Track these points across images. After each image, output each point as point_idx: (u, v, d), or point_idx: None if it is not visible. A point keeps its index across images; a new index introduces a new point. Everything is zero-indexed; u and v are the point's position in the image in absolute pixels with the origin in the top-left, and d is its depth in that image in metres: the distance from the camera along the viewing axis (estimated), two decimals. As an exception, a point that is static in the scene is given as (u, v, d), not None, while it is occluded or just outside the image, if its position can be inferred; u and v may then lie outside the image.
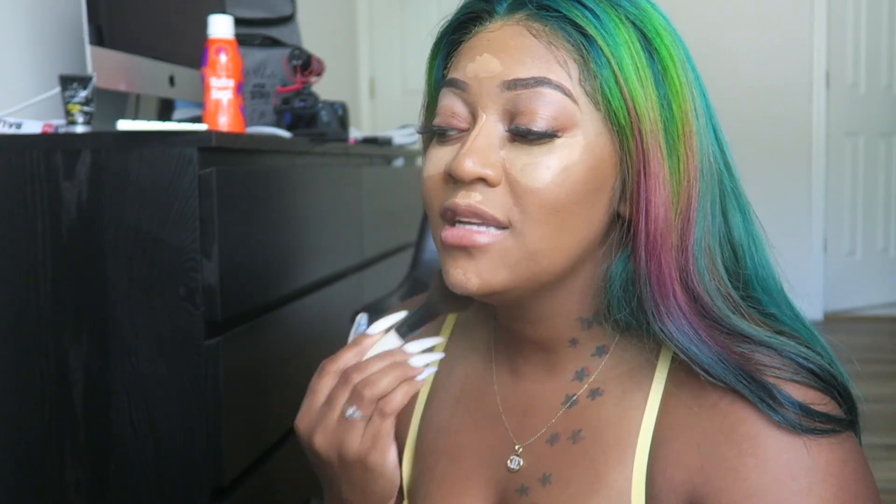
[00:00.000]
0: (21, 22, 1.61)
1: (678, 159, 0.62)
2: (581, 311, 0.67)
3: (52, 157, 1.20)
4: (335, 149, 1.81)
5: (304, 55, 1.80)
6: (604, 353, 0.68)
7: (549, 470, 0.67)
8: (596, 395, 0.67)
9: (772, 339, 0.62)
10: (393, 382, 0.66)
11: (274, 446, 1.45)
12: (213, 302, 1.19)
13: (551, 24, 0.62)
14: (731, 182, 0.66)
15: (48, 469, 1.22)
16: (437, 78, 0.70)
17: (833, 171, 4.43)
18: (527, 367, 0.71)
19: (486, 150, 0.62)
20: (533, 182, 0.61)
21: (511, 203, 0.61)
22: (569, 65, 0.61)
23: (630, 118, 0.61)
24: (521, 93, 0.62)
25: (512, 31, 0.63)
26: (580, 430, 0.67)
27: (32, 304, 1.21)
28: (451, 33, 0.69)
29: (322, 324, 1.68)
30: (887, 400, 3.11)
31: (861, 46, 4.45)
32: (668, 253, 0.62)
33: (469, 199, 0.62)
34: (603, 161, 0.62)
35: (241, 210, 1.29)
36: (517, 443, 0.70)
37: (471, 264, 0.62)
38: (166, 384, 1.20)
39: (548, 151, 0.61)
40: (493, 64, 0.62)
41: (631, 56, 0.61)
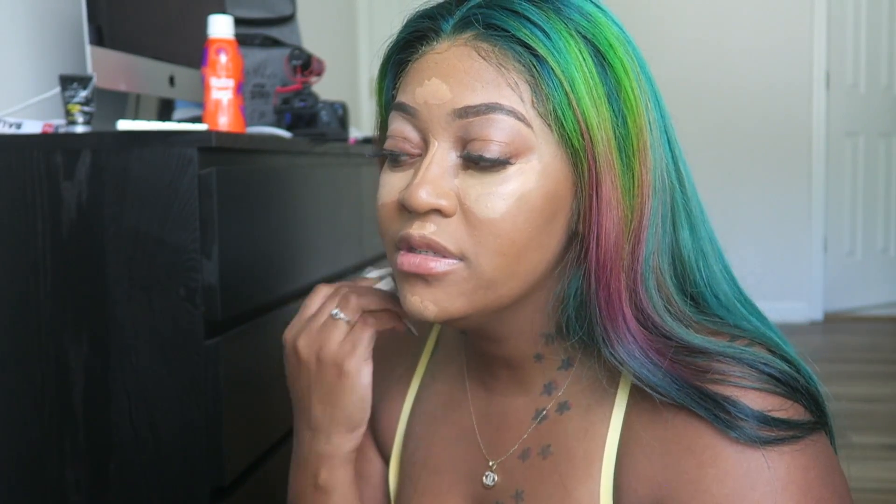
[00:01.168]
0: (21, 22, 1.61)
1: (632, 176, 0.60)
2: (542, 328, 0.66)
3: (52, 157, 1.20)
4: (335, 149, 1.81)
5: (304, 55, 1.80)
6: (570, 367, 0.67)
7: (522, 486, 0.67)
8: (564, 409, 0.67)
9: (729, 349, 0.60)
10: (380, 303, 0.69)
11: (274, 446, 1.45)
12: (213, 302, 1.19)
13: (500, 44, 0.59)
14: (682, 196, 0.65)
15: (48, 469, 1.22)
16: (387, 98, 0.68)
17: (833, 171, 4.43)
18: (497, 382, 0.71)
19: (440, 179, 0.60)
20: (488, 213, 0.59)
21: (465, 234, 0.60)
22: (520, 87, 0.59)
23: (583, 140, 0.59)
24: (472, 120, 0.59)
25: (460, 53, 0.60)
26: (549, 444, 0.66)
27: (32, 304, 1.21)
28: (397, 52, 0.67)
29: (322, 324, 1.68)
30: (887, 400, 3.11)
31: (861, 46, 4.45)
32: (618, 276, 0.60)
33: (423, 231, 0.60)
34: (559, 183, 0.61)
35: (241, 210, 1.29)
36: (490, 458, 0.70)
37: (427, 292, 0.61)
38: (166, 384, 1.20)
39: (502, 180, 0.59)
40: (443, 90, 0.60)
41: (583, 74, 0.59)
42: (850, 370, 3.48)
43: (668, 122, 0.64)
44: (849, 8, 4.38)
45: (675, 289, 0.63)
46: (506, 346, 0.68)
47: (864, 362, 3.65)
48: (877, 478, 2.46)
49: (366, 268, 0.76)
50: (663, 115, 0.64)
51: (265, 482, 1.39)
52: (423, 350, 0.80)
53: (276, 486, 1.45)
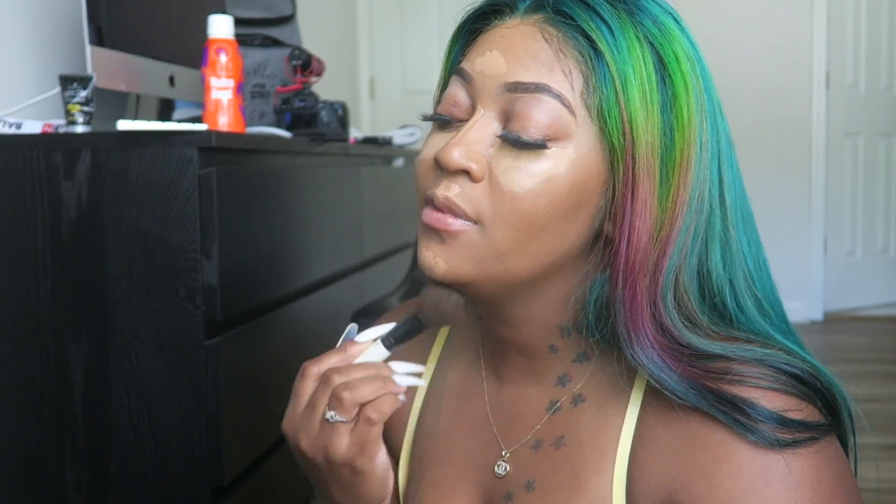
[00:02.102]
0: (21, 22, 1.61)
1: (669, 189, 0.61)
2: (559, 320, 0.67)
3: (52, 157, 1.20)
4: (335, 149, 1.81)
5: (304, 55, 1.80)
6: (585, 360, 0.68)
7: (533, 476, 0.67)
8: (578, 401, 0.67)
9: (746, 352, 0.61)
10: (375, 391, 0.64)
11: (274, 446, 1.45)
12: (213, 302, 1.19)
13: (565, 30, 0.61)
14: (720, 220, 0.64)
15: (48, 469, 1.22)
16: (454, 64, 0.70)
17: (833, 171, 4.43)
18: (511, 372, 0.71)
19: (476, 144, 0.62)
20: (512, 186, 0.61)
21: (487, 201, 0.61)
22: (573, 75, 0.61)
23: (624, 140, 0.60)
24: (520, 96, 0.61)
25: (525, 32, 0.63)
26: (562, 436, 0.67)
27: (32, 304, 1.21)
28: (472, 21, 0.69)
29: (322, 324, 1.68)
30: (887, 400, 3.11)
31: (861, 46, 4.45)
32: (643, 280, 0.61)
33: (447, 192, 0.62)
34: (590, 177, 0.62)
35: (241, 210, 1.29)
36: (504, 448, 0.70)
37: (441, 248, 0.63)
38: (166, 384, 1.20)
39: (535, 159, 0.61)
40: (499, 63, 0.62)
41: (640, 78, 0.60)
42: (850, 370, 3.48)
43: (724, 147, 0.65)
44: (849, 8, 4.38)
45: (699, 307, 0.63)
46: (520, 332, 0.68)
47: (864, 362, 3.65)
48: (877, 478, 2.46)
49: (350, 325, 0.72)
50: (719, 139, 0.64)
51: (265, 482, 1.39)
52: (433, 343, 0.80)
53: (276, 486, 1.45)
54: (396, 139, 2.26)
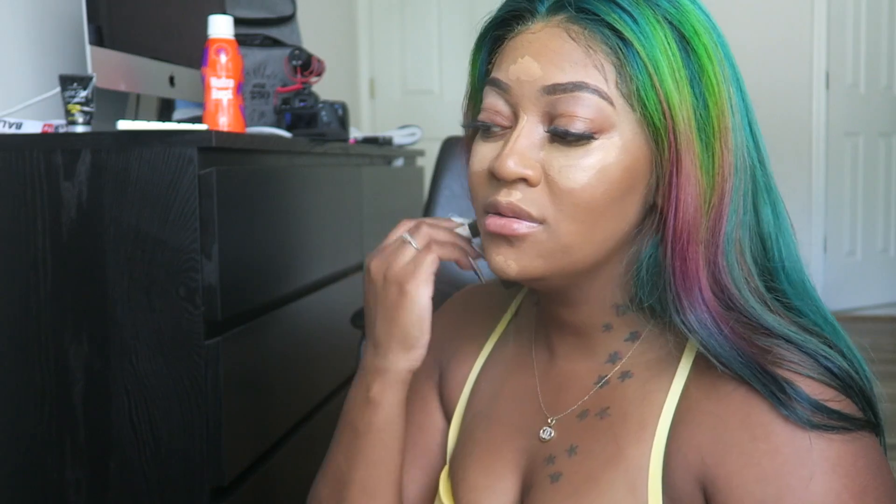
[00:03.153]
0: (21, 22, 1.61)
1: (712, 156, 0.65)
2: (616, 298, 0.71)
3: (52, 157, 1.20)
4: (335, 149, 1.81)
5: (304, 55, 1.80)
6: (636, 339, 0.71)
7: (576, 442, 0.71)
8: (626, 377, 0.71)
9: (794, 335, 0.64)
10: (448, 237, 0.74)
11: (274, 446, 1.45)
12: (213, 302, 1.19)
13: (590, 27, 0.64)
14: (763, 176, 0.69)
15: (48, 469, 1.22)
16: (481, 72, 0.73)
17: (833, 171, 4.43)
18: (563, 348, 0.75)
19: (527, 151, 0.65)
20: (570, 183, 0.64)
21: (548, 201, 0.65)
22: (606, 68, 0.64)
23: (665, 120, 0.64)
24: (560, 97, 0.64)
25: (552, 34, 0.65)
26: (607, 407, 0.70)
27: (32, 304, 1.21)
28: (493, 29, 0.72)
29: (322, 324, 1.68)
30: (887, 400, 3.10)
31: (861, 46, 4.45)
32: (695, 247, 0.65)
33: (510, 198, 0.66)
34: (638, 160, 0.65)
35: (241, 210, 1.29)
36: (550, 416, 0.74)
37: (510, 252, 0.67)
38: (166, 384, 1.20)
39: (585, 153, 0.64)
40: (534, 68, 0.65)
41: (667, 58, 0.63)
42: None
43: (750, 107, 0.68)
44: (849, 8, 4.38)
45: (753, 265, 0.67)
46: (579, 312, 0.72)
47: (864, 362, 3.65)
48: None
49: (450, 213, 0.80)
50: (745, 101, 0.68)
51: (265, 482, 1.39)
52: (502, 317, 0.85)
53: (276, 485, 1.45)
54: (396, 139, 2.26)
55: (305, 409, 1.61)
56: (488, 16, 0.72)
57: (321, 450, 1.74)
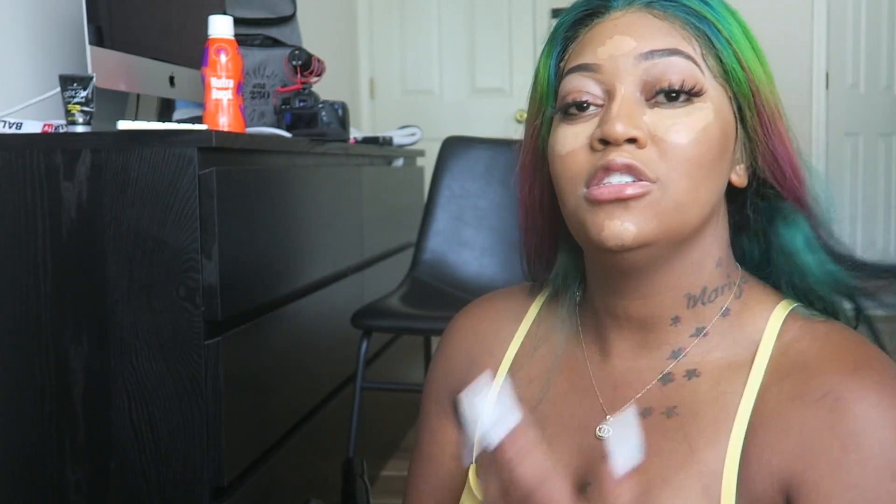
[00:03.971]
0: (21, 22, 1.61)
1: (782, 119, 0.73)
2: (691, 287, 0.71)
3: (52, 157, 1.20)
4: (335, 149, 1.81)
5: (304, 55, 1.80)
6: (702, 336, 0.71)
7: None
8: (692, 375, 0.70)
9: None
10: None
11: (274, 446, 1.45)
12: (213, 302, 1.19)
13: (670, 10, 0.69)
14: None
15: (48, 469, 1.22)
16: (552, 72, 0.74)
17: (833, 171, 4.43)
18: (621, 346, 0.74)
19: (633, 114, 0.67)
20: (679, 139, 0.66)
21: (658, 160, 0.66)
22: (692, 42, 0.68)
23: (751, 91, 0.70)
24: (657, 62, 0.67)
25: (636, 16, 0.69)
26: (675, 406, 0.69)
27: (32, 304, 1.21)
28: (566, 30, 0.74)
29: (322, 324, 1.68)
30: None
31: (861, 46, 4.45)
32: (805, 202, 0.72)
33: (623, 153, 0.66)
34: (729, 125, 0.69)
35: (241, 210, 1.29)
36: (608, 413, 0.72)
37: (627, 214, 0.65)
38: (166, 384, 1.20)
39: (686, 114, 0.67)
40: (626, 41, 0.68)
41: (740, 34, 0.70)
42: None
43: None
44: (849, 8, 4.38)
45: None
46: (649, 304, 0.71)
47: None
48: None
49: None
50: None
51: (265, 482, 1.39)
52: (523, 319, 0.83)
53: (276, 485, 1.45)
54: (396, 139, 2.26)
55: (305, 408, 1.61)
56: (560, 18, 0.75)
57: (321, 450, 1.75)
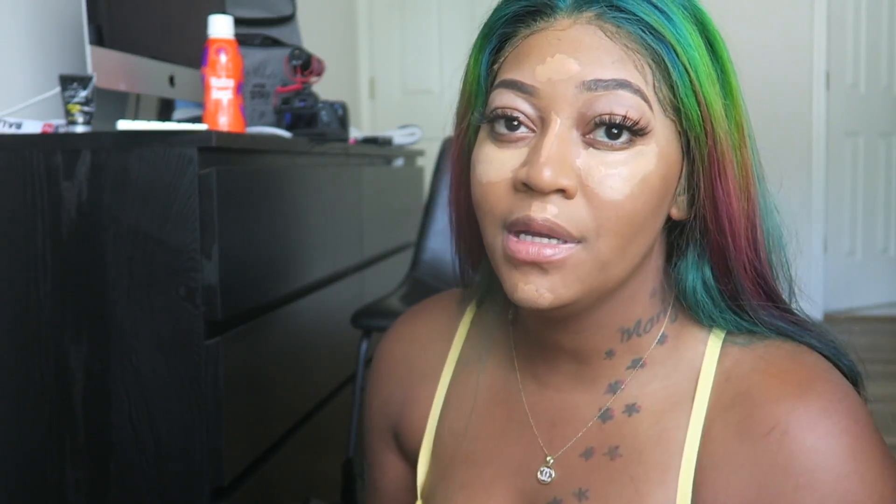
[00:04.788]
0: (21, 22, 1.61)
1: (741, 162, 0.62)
2: (624, 321, 0.66)
3: (52, 157, 1.20)
4: (335, 149, 1.81)
5: (304, 55, 1.80)
6: (639, 366, 0.66)
7: (585, 485, 0.65)
8: (632, 410, 0.66)
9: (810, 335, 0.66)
10: None
11: (274, 446, 1.45)
12: (213, 302, 1.19)
13: (625, 24, 0.59)
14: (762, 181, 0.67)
15: (48, 469, 1.22)
16: (483, 70, 0.66)
17: (833, 171, 4.43)
18: (556, 377, 0.69)
19: (564, 158, 0.58)
20: (613, 194, 0.58)
21: (587, 215, 0.59)
22: (645, 70, 0.59)
23: (704, 125, 0.60)
24: (600, 94, 0.58)
25: (585, 31, 0.59)
26: (617, 446, 0.65)
27: (32, 304, 1.21)
28: (503, 26, 0.64)
29: (322, 324, 1.68)
30: (887, 400, 3.11)
31: (861, 46, 4.45)
32: (743, 252, 0.63)
33: (545, 213, 0.58)
34: (672, 168, 0.61)
35: (241, 210, 1.29)
36: (548, 454, 0.68)
37: (544, 280, 0.59)
38: (166, 384, 1.20)
39: (625, 160, 0.58)
40: (570, 64, 0.58)
41: (702, 59, 0.60)
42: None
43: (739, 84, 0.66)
44: (849, 8, 4.38)
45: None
46: (581, 338, 0.66)
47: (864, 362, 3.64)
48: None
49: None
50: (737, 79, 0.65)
51: (265, 482, 1.39)
52: (454, 337, 0.78)
53: (276, 486, 1.45)
54: (396, 139, 2.26)
55: (305, 409, 1.61)
56: (494, 11, 0.65)
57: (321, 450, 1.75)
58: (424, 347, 0.79)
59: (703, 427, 0.62)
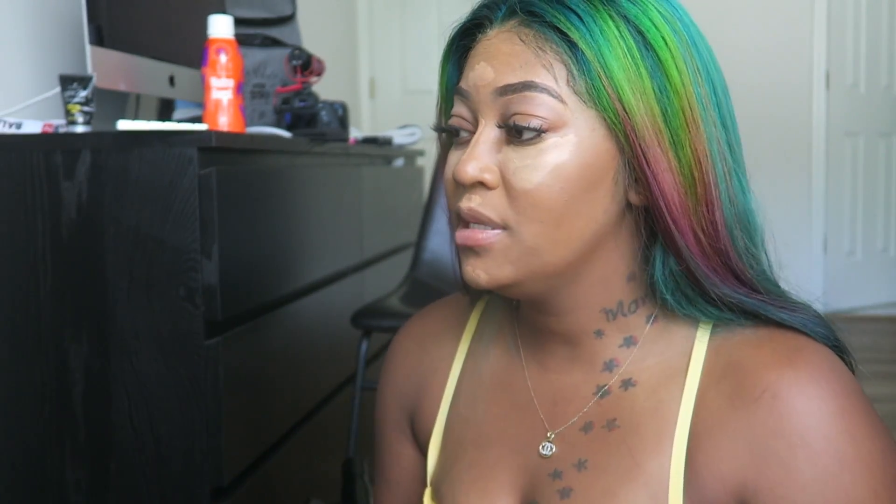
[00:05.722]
0: (21, 22, 1.61)
1: (684, 146, 0.64)
2: (605, 302, 0.69)
3: (52, 157, 1.20)
4: (335, 149, 1.81)
5: (304, 55, 1.80)
6: (632, 344, 0.70)
7: (585, 456, 0.69)
8: (629, 385, 0.69)
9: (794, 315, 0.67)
10: None
11: (274, 446, 1.45)
12: (213, 302, 1.19)
13: (539, 29, 0.65)
14: (735, 164, 0.69)
15: (48, 469, 1.22)
16: (451, 82, 0.74)
17: (833, 171, 4.43)
18: (554, 360, 0.73)
19: (484, 154, 0.66)
20: (525, 183, 0.64)
21: (507, 204, 0.65)
22: (555, 67, 0.64)
23: (619, 116, 0.63)
24: (511, 97, 0.65)
25: (504, 38, 0.67)
26: (615, 419, 0.69)
27: (32, 304, 1.21)
28: (459, 39, 0.72)
29: (322, 324, 1.68)
30: (887, 400, 3.11)
31: (861, 46, 4.45)
32: (691, 234, 0.65)
33: (470, 203, 0.66)
34: (598, 156, 0.65)
35: (241, 210, 1.29)
36: (549, 430, 0.72)
37: (479, 262, 0.66)
38: (166, 384, 1.20)
39: (538, 153, 0.64)
40: (487, 72, 0.66)
41: (618, 53, 0.63)
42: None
43: (721, 95, 0.69)
44: (849, 8, 4.38)
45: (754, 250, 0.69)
46: (565, 320, 0.70)
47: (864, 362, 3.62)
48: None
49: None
50: (715, 87, 0.68)
51: (265, 482, 1.39)
52: (464, 331, 0.82)
53: (276, 485, 1.45)
54: (396, 139, 2.26)
55: (305, 409, 1.61)
56: (455, 25, 0.73)
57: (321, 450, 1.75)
58: (437, 339, 0.83)
59: (695, 398, 0.66)
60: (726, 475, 0.63)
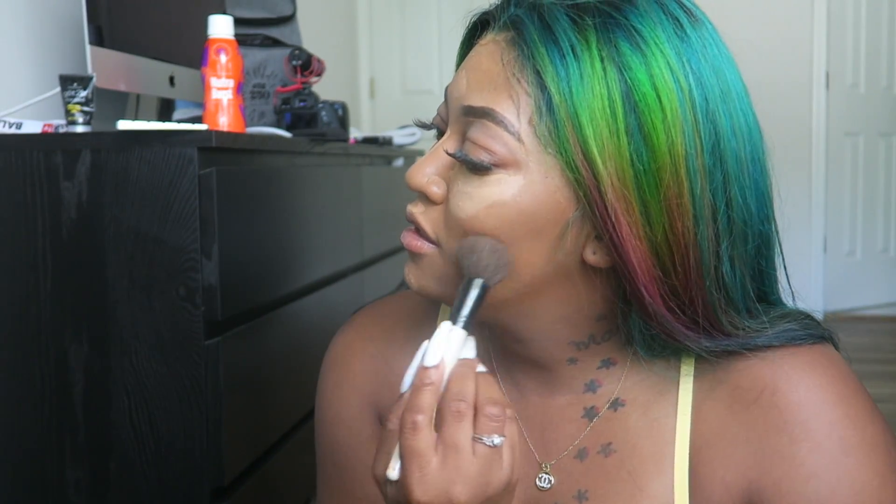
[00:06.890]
0: (21, 22, 1.61)
1: (660, 211, 0.57)
2: (573, 336, 0.65)
3: (52, 157, 1.20)
4: (335, 149, 1.81)
5: (304, 55, 1.80)
6: (611, 365, 0.66)
7: (584, 486, 0.66)
8: (617, 405, 0.66)
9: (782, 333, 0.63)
10: (498, 389, 0.56)
11: (274, 446, 1.45)
12: (213, 302, 1.19)
13: (522, 57, 0.58)
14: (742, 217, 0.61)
15: (48, 469, 1.22)
16: None
17: (833, 171, 4.43)
18: (531, 382, 0.69)
19: (437, 166, 0.63)
20: (459, 211, 0.60)
21: (442, 223, 0.62)
22: (522, 102, 0.58)
23: (580, 170, 0.57)
24: (471, 120, 0.60)
25: (490, 51, 0.61)
26: (609, 442, 0.66)
27: (32, 304, 1.21)
28: (470, 37, 0.67)
29: (322, 324, 1.68)
30: (887, 400, 3.11)
31: (861, 46, 4.45)
32: (661, 302, 0.59)
33: (413, 208, 0.65)
34: (544, 206, 0.58)
35: (241, 210, 1.29)
36: (542, 460, 0.68)
37: (412, 266, 0.66)
38: (166, 384, 1.20)
39: (481, 184, 0.59)
40: (462, 84, 0.62)
41: (594, 105, 0.56)
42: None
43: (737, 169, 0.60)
44: (849, 8, 4.38)
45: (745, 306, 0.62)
46: (532, 348, 0.66)
47: (865, 362, 3.65)
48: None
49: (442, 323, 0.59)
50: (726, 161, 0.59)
51: (265, 482, 1.39)
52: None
53: (276, 485, 1.45)
54: (396, 139, 2.26)
55: (306, 408, 1.61)
56: (473, 13, 0.67)
57: (321, 450, 1.71)
58: (402, 348, 0.78)
59: (691, 411, 0.64)
60: (731, 482, 0.61)
